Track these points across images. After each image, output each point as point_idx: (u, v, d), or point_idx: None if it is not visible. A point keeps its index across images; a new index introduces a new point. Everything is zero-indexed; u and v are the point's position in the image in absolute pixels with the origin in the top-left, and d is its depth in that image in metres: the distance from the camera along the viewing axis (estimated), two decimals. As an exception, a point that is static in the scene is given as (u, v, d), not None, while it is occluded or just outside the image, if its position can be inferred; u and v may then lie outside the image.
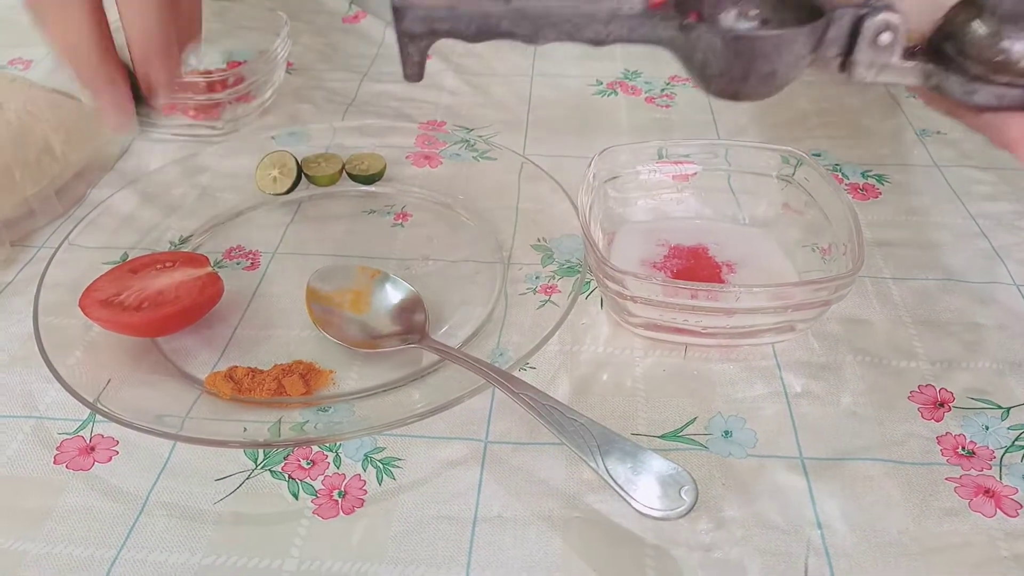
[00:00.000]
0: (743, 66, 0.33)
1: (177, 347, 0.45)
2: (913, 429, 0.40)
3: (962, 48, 0.34)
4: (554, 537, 0.36)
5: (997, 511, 0.37)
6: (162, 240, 0.52)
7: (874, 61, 0.35)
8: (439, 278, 0.49)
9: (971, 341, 0.45)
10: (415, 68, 0.35)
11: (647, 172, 0.52)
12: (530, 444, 0.40)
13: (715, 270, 0.48)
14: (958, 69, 0.34)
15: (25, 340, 0.45)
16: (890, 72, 0.35)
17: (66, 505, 0.37)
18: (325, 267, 0.48)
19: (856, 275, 0.41)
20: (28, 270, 0.50)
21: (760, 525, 0.36)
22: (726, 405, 0.41)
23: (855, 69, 0.35)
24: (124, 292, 0.44)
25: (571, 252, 0.49)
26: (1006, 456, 0.39)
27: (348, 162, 0.57)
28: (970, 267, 0.50)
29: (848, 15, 0.34)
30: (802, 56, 0.33)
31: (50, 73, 0.71)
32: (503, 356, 0.42)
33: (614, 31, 0.33)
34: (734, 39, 0.32)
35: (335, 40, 0.77)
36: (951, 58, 0.35)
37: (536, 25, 0.33)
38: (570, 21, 0.33)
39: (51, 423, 0.41)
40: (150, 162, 0.60)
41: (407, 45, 0.34)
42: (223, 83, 0.61)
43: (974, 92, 0.34)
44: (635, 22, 0.33)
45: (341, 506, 0.37)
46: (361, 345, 0.44)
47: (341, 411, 0.41)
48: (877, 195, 0.56)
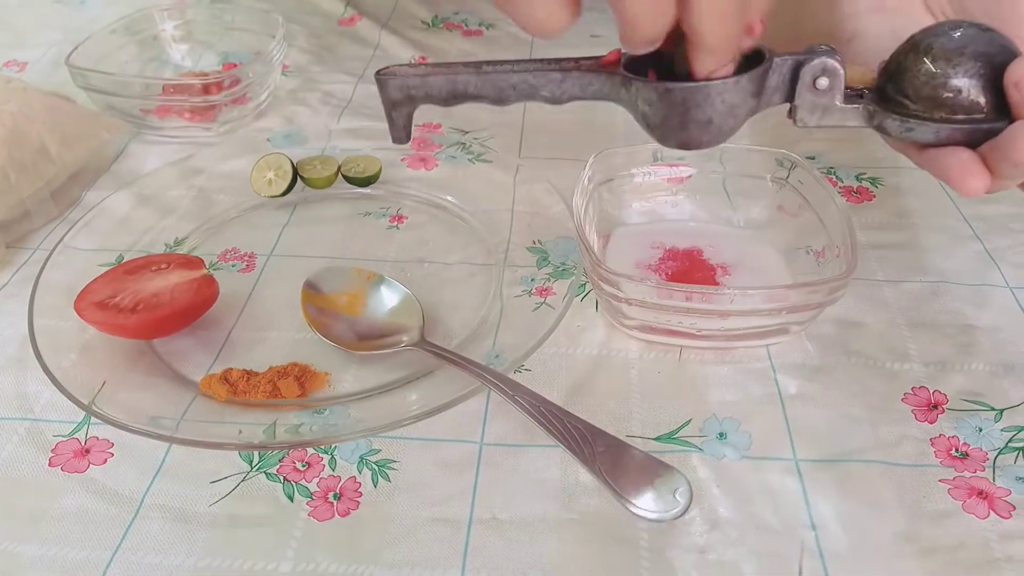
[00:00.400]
0: (679, 116, 0.34)
1: (172, 349, 0.45)
2: (907, 431, 0.40)
3: (901, 88, 0.35)
4: (549, 539, 0.36)
5: (990, 513, 0.37)
6: (157, 242, 0.52)
7: (815, 105, 0.36)
8: (434, 280, 0.49)
9: (965, 343, 0.45)
10: (401, 132, 0.38)
11: (642, 175, 0.52)
12: (525, 446, 0.40)
13: (710, 272, 0.48)
14: (898, 108, 0.36)
15: (20, 342, 0.45)
16: (834, 115, 0.36)
17: (61, 507, 0.37)
18: (321, 269, 0.48)
19: (850, 277, 0.41)
20: (23, 272, 0.50)
21: (754, 527, 0.36)
22: (721, 407, 0.42)
23: (798, 113, 0.37)
24: (119, 294, 0.44)
25: (566, 254, 0.49)
26: (999, 458, 0.39)
27: (344, 164, 0.57)
28: (964, 270, 0.50)
29: (788, 62, 0.35)
30: (738, 104, 0.34)
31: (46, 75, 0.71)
32: (498, 358, 0.42)
33: (568, 90, 0.36)
34: (665, 91, 0.33)
35: (331, 43, 0.77)
36: (892, 98, 0.36)
37: (499, 89, 0.36)
38: (527, 83, 0.36)
39: (46, 425, 0.41)
40: (145, 164, 0.60)
41: (391, 111, 0.38)
42: (219, 85, 0.61)
43: (912, 130, 0.35)
44: (584, 81, 0.36)
45: (336, 508, 0.37)
46: (356, 347, 0.44)
47: (336, 413, 0.41)
48: (871, 198, 0.56)
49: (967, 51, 0.34)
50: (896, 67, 0.36)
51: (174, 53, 0.73)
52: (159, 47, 0.72)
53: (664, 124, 0.34)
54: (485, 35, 0.79)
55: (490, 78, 0.36)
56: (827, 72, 0.35)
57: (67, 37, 0.75)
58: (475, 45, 0.77)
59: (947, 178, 0.35)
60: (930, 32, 0.35)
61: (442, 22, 0.81)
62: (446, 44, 0.77)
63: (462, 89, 0.36)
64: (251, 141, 0.59)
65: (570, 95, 0.36)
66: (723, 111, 0.34)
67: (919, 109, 0.35)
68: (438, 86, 0.36)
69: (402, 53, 0.75)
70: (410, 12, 0.82)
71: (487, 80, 0.36)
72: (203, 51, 0.73)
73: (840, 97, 0.36)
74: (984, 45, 0.34)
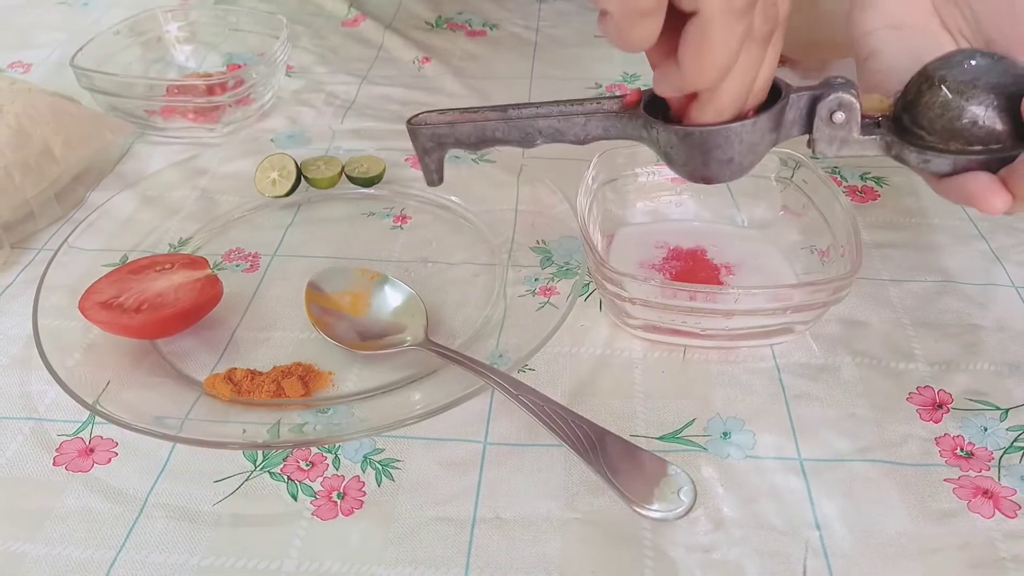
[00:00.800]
0: (701, 156, 0.34)
1: (176, 349, 0.45)
2: (912, 430, 0.40)
3: (916, 119, 0.35)
4: (553, 538, 0.36)
5: (995, 512, 0.37)
6: (161, 242, 0.52)
7: (833, 137, 0.36)
8: (438, 280, 0.49)
9: (970, 343, 0.45)
10: (433, 175, 0.40)
11: (646, 174, 0.52)
12: (529, 445, 0.40)
13: (714, 272, 0.48)
14: (914, 139, 0.36)
15: (25, 342, 0.45)
16: (852, 146, 0.37)
17: (65, 506, 0.37)
18: (324, 269, 0.48)
19: (854, 277, 0.41)
20: (28, 272, 0.50)
21: (758, 526, 0.36)
22: (725, 407, 0.42)
23: (817, 145, 0.37)
24: (123, 294, 0.44)
25: (570, 254, 0.49)
26: (1004, 457, 0.39)
27: (347, 165, 0.57)
28: (969, 269, 0.50)
29: (805, 97, 0.35)
30: (757, 142, 0.34)
31: (50, 76, 0.71)
32: (502, 358, 0.42)
33: (592, 131, 0.37)
34: (685, 135, 0.34)
35: (334, 43, 0.77)
36: (908, 129, 0.36)
37: (525, 133, 0.37)
38: (553, 127, 0.37)
39: (50, 425, 0.41)
40: (149, 165, 0.60)
41: (423, 157, 0.39)
42: (223, 86, 0.61)
43: (929, 162, 0.35)
44: (607, 123, 0.37)
45: (340, 507, 0.37)
46: (360, 347, 0.44)
47: (340, 413, 0.41)
48: (876, 197, 0.56)
49: (980, 82, 0.34)
50: (911, 98, 0.36)
51: (178, 54, 0.73)
52: (163, 48, 0.72)
53: (687, 163, 0.35)
54: (488, 35, 0.79)
55: (516, 124, 0.37)
56: (843, 107, 0.35)
57: (71, 38, 0.76)
58: (478, 45, 0.77)
59: (970, 202, 0.35)
60: (943, 63, 0.35)
61: (446, 23, 0.81)
62: (449, 45, 0.77)
63: (491, 134, 0.37)
64: (255, 142, 0.59)
65: (593, 136, 0.37)
66: (743, 150, 0.34)
67: (935, 140, 0.35)
68: (467, 133, 0.37)
69: (405, 54, 0.75)
70: (414, 13, 0.83)
71: (513, 126, 0.37)
72: (207, 52, 0.74)
73: (857, 130, 0.36)
74: (997, 75, 0.34)
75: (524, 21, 0.81)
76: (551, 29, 0.80)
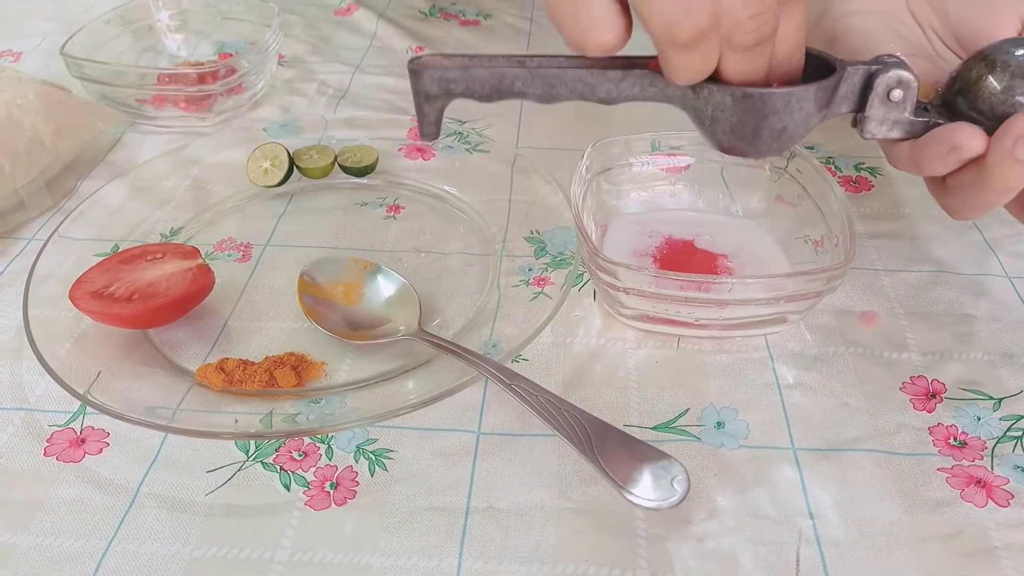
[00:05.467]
0: (754, 123, 0.32)
1: (168, 339, 0.45)
2: (905, 420, 0.40)
3: (974, 104, 0.35)
4: (547, 528, 0.36)
5: (988, 501, 0.37)
6: (153, 232, 0.52)
7: (886, 117, 0.35)
8: (431, 270, 0.49)
9: (963, 332, 0.45)
10: (432, 127, 0.35)
11: (640, 164, 0.52)
12: (523, 435, 0.40)
13: (708, 262, 0.48)
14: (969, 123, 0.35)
15: (15, 332, 0.44)
16: (903, 127, 0.36)
17: (56, 497, 0.37)
18: (317, 259, 0.48)
19: (848, 266, 0.41)
20: (18, 262, 0.50)
21: (752, 515, 0.36)
22: (718, 396, 0.42)
23: (867, 125, 0.36)
24: (114, 284, 0.43)
25: (564, 244, 0.49)
26: (997, 447, 0.39)
27: (340, 154, 0.56)
28: (962, 259, 0.50)
29: (860, 72, 0.34)
30: (812, 113, 0.33)
31: (41, 65, 0.70)
32: (496, 348, 0.42)
33: (625, 91, 0.33)
34: (744, 96, 0.32)
35: (327, 32, 0.77)
36: (963, 113, 0.35)
37: (549, 86, 0.33)
38: (582, 81, 0.33)
39: (41, 415, 0.41)
40: (140, 154, 0.60)
41: (423, 105, 0.34)
42: (214, 75, 0.61)
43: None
44: (645, 81, 0.33)
45: (333, 497, 0.37)
46: (353, 337, 0.44)
47: (333, 403, 0.40)
48: (870, 188, 0.56)
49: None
50: (968, 82, 0.35)
51: (169, 43, 0.72)
52: (154, 37, 0.72)
53: (735, 131, 0.33)
54: (482, 25, 0.79)
55: (541, 73, 0.33)
56: (902, 84, 0.34)
57: (62, 27, 0.75)
58: (472, 35, 0.77)
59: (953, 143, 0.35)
60: (1002, 48, 0.35)
61: (439, 12, 0.81)
62: (443, 34, 0.77)
63: (508, 85, 0.33)
64: (247, 131, 0.58)
65: (627, 95, 0.34)
66: (799, 120, 0.33)
67: (993, 125, 0.34)
68: (482, 80, 0.33)
69: (399, 43, 0.75)
70: (407, 2, 0.82)
71: (537, 76, 0.33)
72: (198, 41, 0.73)
73: (911, 110, 0.35)
74: None
75: (517, 10, 0.81)
76: (545, 18, 0.79)
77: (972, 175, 0.36)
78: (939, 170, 0.36)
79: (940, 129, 0.35)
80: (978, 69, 0.35)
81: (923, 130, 0.36)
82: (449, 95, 0.34)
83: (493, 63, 0.33)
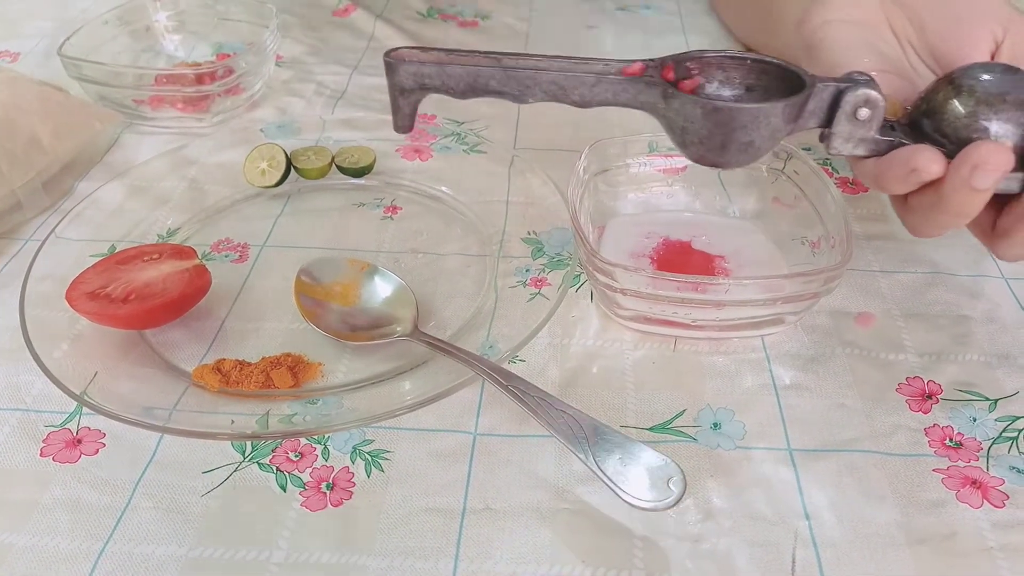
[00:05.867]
0: (722, 136, 0.33)
1: (164, 340, 0.44)
2: (901, 421, 0.40)
3: (939, 126, 0.35)
4: (543, 529, 0.36)
5: (984, 502, 0.37)
6: (150, 233, 0.52)
7: (852, 135, 0.36)
8: (429, 271, 0.49)
9: (959, 334, 0.45)
10: (405, 120, 0.35)
11: (637, 165, 0.52)
12: (519, 436, 0.40)
13: (705, 263, 0.48)
14: (934, 146, 0.35)
15: (12, 332, 0.44)
16: (868, 145, 0.36)
17: (52, 497, 0.37)
18: (314, 260, 0.48)
19: (845, 268, 0.41)
20: (15, 263, 0.50)
21: (748, 516, 0.36)
22: (715, 397, 0.42)
23: (833, 140, 0.36)
24: (111, 284, 0.43)
25: (561, 245, 0.49)
26: (993, 447, 0.39)
27: (337, 155, 0.56)
28: (959, 261, 0.50)
29: (829, 89, 0.35)
30: (780, 128, 0.33)
31: (38, 65, 0.70)
32: (493, 349, 0.42)
33: (599, 94, 0.34)
34: (713, 110, 0.32)
35: (325, 34, 0.77)
36: (927, 134, 0.35)
37: (523, 86, 0.34)
38: (556, 84, 0.34)
39: (37, 415, 0.41)
40: (138, 155, 0.60)
41: (398, 98, 0.35)
42: (212, 75, 0.61)
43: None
44: (619, 87, 0.34)
45: (329, 498, 0.37)
46: (350, 338, 0.44)
47: (329, 403, 0.40)
48: (866, 189, 0.56)
49: (1010, 97, 0.34)
50: (934, 105, 0.36)
51: (167, 43, 0.72)
52: (152, 37, 0.72)
53: (704, 142, 0.33)
54: (480, 26, 0.79)
55: (516, 75, 0.33)
56: (869, 103, 0.34)
57: (59, 27, 0.75)
58: (470, 36, 0.77)
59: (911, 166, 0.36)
60: (969, 73, 0.35)
61: (437, 13, 0.81)
62: (441, 35, 0.77)
63: (483, 83, 0.34)
64: (244, 132, 0.58)
65: (600, 100, 0.34)
66: (766, 134, 0.33)
67: (954, 149, 0.34)
68: (457, 77, 0.33)
69: (397, 44, 0.74)
70: (405, 3, 0.82)
71: (512, 76, 0.33)
72: (196, 42, 0.73)
73: (877, 129, 0.35)
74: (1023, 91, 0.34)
75: (515, 11, 0.81)
76: (542, 19, 0.79)
77: (931, 197, 0.36)
78: (899, 190, 0.37)
79: (902, 150, 0.36)
80: (945, 92, 0.35)
81: (887, 149, 0.36)
82: (424, 89, 0.34)
83: (470, 60, 0.33)
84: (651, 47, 0.74)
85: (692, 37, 0.76)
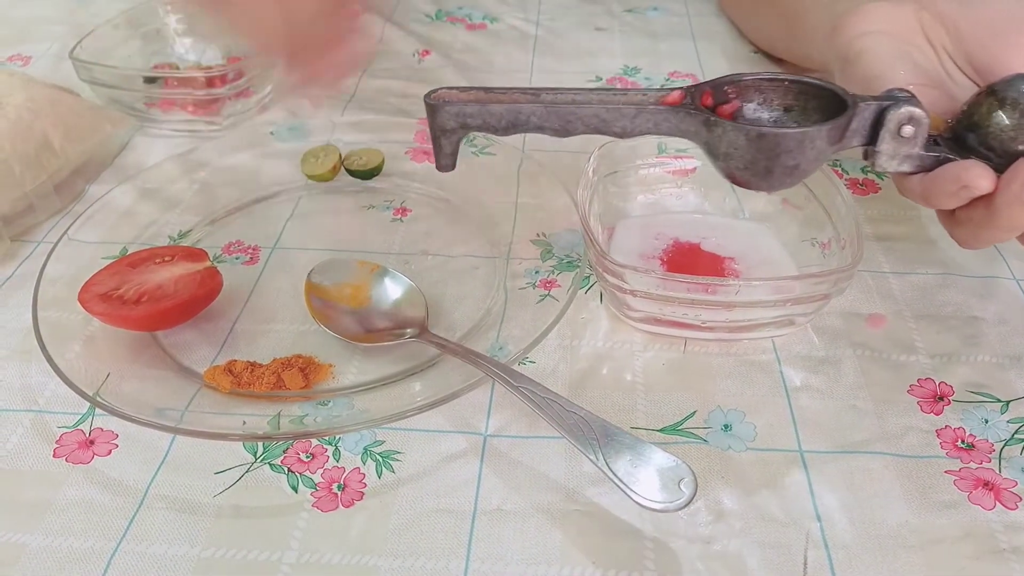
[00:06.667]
0: (767, 161, 0.33)
1: (176, 341, 0.45)
2: (912, 422, 0.40)
3: (984, 140, 0.35)
4: (553, 530, 0.36)
5: (996, 504, 0.37)
6: (161, 235, 0.52)
7: (897, 152, 0.35)
8: (438, 272, 0.49)
9: (970, 335, 0.45)
10: (448, 159, 0.36)
11: (647, 167, 0.52)
12: (529, 438, 0.40)
13: (715, 264, 0.48)
14: (979, 159, 0.35)
15: (25, 334, 0.45)
16: (913, 162, 0.36)
17: (66, 498, 0.37)
18: (324, 261, 0.48)
19: (855, 269, 0.41)
20: (27, 265, 0.50)
21: (759, 518, 0.36)
22: (725, 399, 0.41)
23: (878, 159, 0.36)
24: (123, 286, 0.44)
25: (571, 247, 0.49)
26: (1005, 449, 0.39)
27: (346, 157, 0.57)
28: (970, 261, 0.50)
29: (871, 107, 0.34)
30: (824, 150, 0.33)
31: (50, 69, 0.71)
32: (502, 350, 0.42)
33: (640, 125, 0.34)
34: (758, 136, 0.32)
35: (334, 36, 0.77)
36: (973, 148, 0.35)
37: (565, 121, 0.34)
38: (598, 116, 0.33)
39: (51, 417, 0.41)
40: (149, 157, 0.60)
41: (440, 138, 0.35)
42: (222, 78, 0.61)
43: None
44: (660, 117, 0.33)
45: (340, 499, 0.37)
46: (360, 339, 0.44)
47: (340, 405, 0.41)
48: (876, 190, 0.56)
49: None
50: (978, 118, 0.35)
51: (177, 47, 0.72)
52: (162, 41, 0.72)
53: (748, 168, 0.33)
54: (489, 28, 0.79)
55: (556, 110, 0.33)
56: (913, 120, 0.34)
57: (71, 31, 0.75)
58: (479, 38, 0.77)
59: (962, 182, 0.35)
60: (1013, 85, 0.35)
61: (446, 16, 0.81)
62: (449, 38, 0.77)
63: (524, 120, 0.34)
64: (254, 134, 0.59)
65: (642, 130, 0.34)
66: (811, 157, 0.33)
67: (1002, 162, 0.34)
68: (498, 115, 0.34)
69: (405, 47, 0.75)
70: (413, 5, 0.82)
71: (553, 112, 0.33)
72: (206, 45, 0.73)
73: (922, 145, 0.35)
74: None
75: (524, 14, 0.81)
76: (551, 22, 0.80)
77: (981, 212, 0.36)
78: (948, 205, 0.37)
79: (950, 166, 0.36)
80: (988, 105, 0.35)
81: (934, 164, 0.36)
82: (466, 128, 0.34)
83: (509, 97, 0.33)
84: (659, 50, 0.74)
85: (700, 40, 0.76)
